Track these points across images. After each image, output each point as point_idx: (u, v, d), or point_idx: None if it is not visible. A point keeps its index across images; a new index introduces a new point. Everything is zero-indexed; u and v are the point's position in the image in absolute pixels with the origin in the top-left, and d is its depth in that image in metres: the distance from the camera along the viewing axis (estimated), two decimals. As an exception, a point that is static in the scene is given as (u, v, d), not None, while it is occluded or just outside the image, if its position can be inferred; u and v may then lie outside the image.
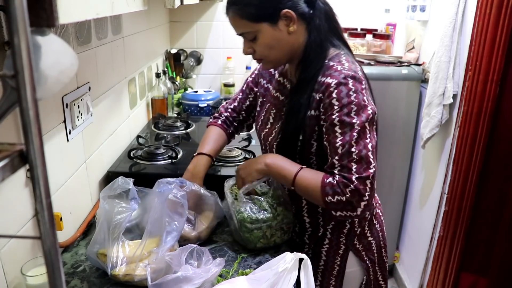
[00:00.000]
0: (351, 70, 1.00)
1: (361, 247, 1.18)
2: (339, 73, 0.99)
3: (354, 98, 0.97)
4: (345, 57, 1.05)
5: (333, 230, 1.16)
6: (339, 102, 0.97)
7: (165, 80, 2.09)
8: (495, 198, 1.64)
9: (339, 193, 0.96)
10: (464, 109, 1.67)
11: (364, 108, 0.98)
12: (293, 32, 1.02)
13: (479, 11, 1.57)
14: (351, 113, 0.97)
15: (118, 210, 1.01)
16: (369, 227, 1.18)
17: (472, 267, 1.74)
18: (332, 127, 0.98)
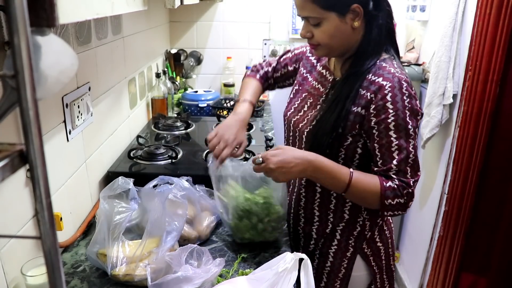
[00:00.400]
0: (404, 75, 1.01)
1: (369, 251, 1.17)
2: (393, 75, 0.99)
3: (408, 104, 0.98)
4: (396, 62, 1.05)
5: (343, 231, 1.16)
6: (394, 106, 0.98)
7: (165, 80, 2.09)
8: (495, 198, 1.64)
9: (399, 196, 0.98)
10: (464, 109, 1.67)
11: (417, 112, 1.00)
12: (356, 28, 1.02)
13: (479, 11, 1.57)
14: (406, 118, 0.98)
15: (118, 210, 1.01)
16: (379, 232, 1.17)
17: (472, 267, 1.74)
18: (387, 130, 0.99)
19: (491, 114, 1.55)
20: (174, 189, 1.09)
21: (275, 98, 2.65)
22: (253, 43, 2.56)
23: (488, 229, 1.68)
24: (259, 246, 1.16)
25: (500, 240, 1.65)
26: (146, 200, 1.08)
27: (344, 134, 1.05)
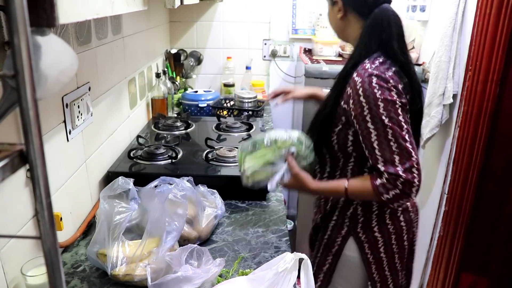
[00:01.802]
0: (378, 70, 1.06)
1: (364, 237, 1.22)
2: (365, 71, 1.06)
3: (380, 95, 1.04)
4: (381, 59, 1.10)
5: (340, 210, 1.23)
6: (366, 100, 1.05)
7: (165, 80, 2.09)
8: (495, 198, 1.64)
9: (392, 188, 1.04)
10: (464, 109, 1.67)
11: (392, 102, 1.04)
12: (344, 19, 1.15)
13: (479, 11, 1.57)
14: (379, 110, 1.04)
15: (118, 210, 1.01)
16: (378, 223, 1.21)
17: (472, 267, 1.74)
18: (365, 123, 1.06)
19: (491, 114, 1.55)
20: (174, 189, 1.09)
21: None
22: (253, 43, 2.56)
23: (488, 229, 1.68)
24: (259, 246, 1.16)
25: (500, 240, 1.65)
26: (146, 200, 1.08)
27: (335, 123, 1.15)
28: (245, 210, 1.36)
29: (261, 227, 1.26)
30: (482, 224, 1.68)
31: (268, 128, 2.13)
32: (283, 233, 1.23)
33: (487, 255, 1.70)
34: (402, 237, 1.25)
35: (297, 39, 2.54)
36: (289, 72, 2.60)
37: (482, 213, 1.67)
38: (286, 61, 2.59)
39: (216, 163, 1.48)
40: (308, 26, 2.51)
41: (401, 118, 1.04)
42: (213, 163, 1.48)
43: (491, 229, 1.67)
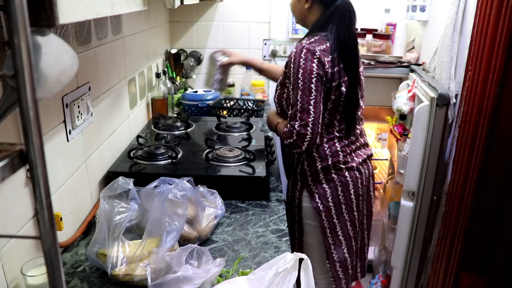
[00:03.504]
0: (310, 45, 1.36)
1: (314, 189, 1.49)
2: (301, 45, 1.37)
3: (303, 64, 1.34)
4: (318, 37, 1.39)
5: (293, 171, 1.55)
6: (293, 66, 1.36)
7: (165, 80, 2.09)
8: (495, 198, 1.63)
9: (289, 137, 1.37)
10: (464, 109, 1.67)
11: (310, 73, 1.34)
12: (309, 8, 1.44)
13: (479, 11, 1.57)
14: (299, 75, 1.35)
15: (118, 210, 1.01)
16: (325, 176, 1.48)
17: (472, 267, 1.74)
18: (290, 84, 1.39)
19: (491, 114, 1.55)
20: (174, 189, 1.09)
21: (275, 98, 2.65)
22: (253, 43, 2.56)
23: (488, 229, 1.67)
24: (259, 246, 1.16)
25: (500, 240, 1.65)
26: (146, 200, 1.08)
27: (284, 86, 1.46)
28: (245, 210, 1.36)
29: (261, 227, 1.26)
30: (482, 224, 1.68)
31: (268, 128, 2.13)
32: (283, 233, 1.23)
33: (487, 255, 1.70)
34: (349, 190, 1.50)
35: (297, 39, 2.53)
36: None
37: (482, 213, 1.67)
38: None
39: (216, 163, 1.48)
40: (308, 26, 2.51)
41: (312, 86, 1.34)
42: (213, 163, 1.48)
43: (491, 229, 1.67)
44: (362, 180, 1.54)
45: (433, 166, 1.87)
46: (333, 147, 1.47)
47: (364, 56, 2.37)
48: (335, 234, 1.51)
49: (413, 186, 1.94)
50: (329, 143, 1.47)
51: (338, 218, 1.50)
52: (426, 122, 1.83)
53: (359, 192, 1.53)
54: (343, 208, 1.50)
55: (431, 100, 1.78)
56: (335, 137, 1.47)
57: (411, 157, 1.93)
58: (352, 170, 1.50)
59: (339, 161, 1.47)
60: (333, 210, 1.49)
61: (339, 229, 1.51)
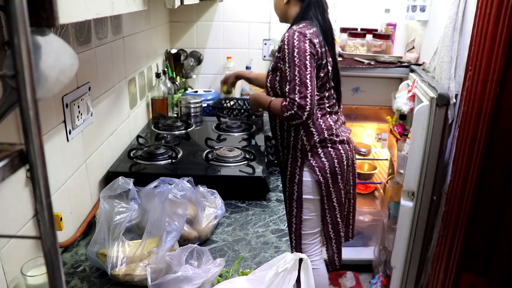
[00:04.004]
0: (301, 29, 1.54)
1: (314, 163, 1.65)
2: (292, 30, 1.54)
3: (297, 44, 1.51)
4: (305, 23, 1.58)
5: (292, 145, 1.69)
6: (287, 47, 1.53)
7: (165, 80, 2.09)
8: (495, 198, 1.63)
9: (290, 109, 1.51)
10: (464, 109, 1.67)
11: (304, 51, 1.51)
12: (287, 4, 1.65)
13: (479, 11, 1.57)
14: (294, 54, 1.51)
15: (118, 210, 1.01)
16: (323, 150, 1.65)
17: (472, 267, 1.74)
18: (284, 64, 1.55)
19: (491, 114, 1.55)
20: (174, 189, 1.09)
21: (275, 98, 2.65)
22: (253, 43, 2.56)
23: (488, 229, 1.67)
24: (259, 246, 1.16)
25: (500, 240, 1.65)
26: (146, 200, 1.08)
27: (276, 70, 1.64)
28: (245, 210, 1.36)
29: (261, 227, 1.26)
30: (482, 224, 1.68)
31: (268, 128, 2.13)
32: (283, 233, 1.24)
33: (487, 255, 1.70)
34: (343, 162, 1.68)
35: (297, 39, 2.54)
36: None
37: (482, 213, 1.67)
38: (286, 61, 2.59)
39: (216, 163, 1.48)
40: (308, 26, 2.51)
41: (307, 62, 1.50)
42: (213, 163, 1.48)
43: (491, 229, 1.67)
44: (351, 152, 1.74)
45: (433, 166, 1.87)
46: (327, 122, 1.65)
47: (364, 56, 2.37)
48: (330, 201, 1.70)
49: (413, 186, 1.94)
50: (323, 117, 1.64)
51: (334, 186, 1.69)
52: (426, 122, 1.83)
53: (349, 163, 1.73)
54: (339, 178, 1.69)
55: (431, 100, 1.78)
56: (326, 112, 1.65)
57: (411, 157, 1.93)
58: (343, 143, 1.69)
59: (333, 134, 1.65)
60: (330, 180, 1.67)
61: (334, 196, 1.70)
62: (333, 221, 1.75)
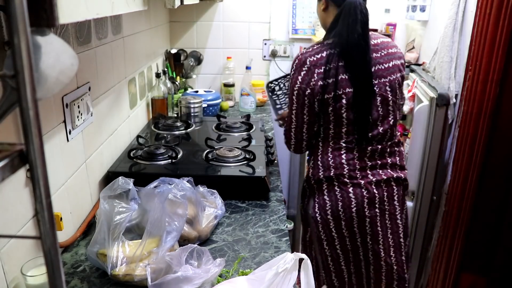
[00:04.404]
0: (304, 55, 1.36)
1: (316, 199, 1.45)
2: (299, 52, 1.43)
3: (292, 74, 1.39)
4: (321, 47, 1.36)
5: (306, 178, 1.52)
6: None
7: (165, 80, 2.09)
8: (495, 198, 1.63)
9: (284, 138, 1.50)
10: (464, 109, 1.67)
11: (294, 84, 1.38)
12: (325, 11, 1.42)
13: (479, 11, 1.57)
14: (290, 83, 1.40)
15: (118, 210, 1.01)
16: (328, 187, 1.43)
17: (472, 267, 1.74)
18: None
19: (491, 114, 1.55)
20: (174, 189, 1.09)
21: (275, 98, 2.65)
22: (253, 43, 2.56)
23: (488, 229, 1.68)
24: (259, 246, 1.16)
25: (500, 240, 1.65)
26: (146, 200, 1.08)
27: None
28: (245, 210, 1.36)
29: (261, 227, 1.26)
30: (482, 224, 1.68)
31: (268, 128, 2.13)
32: (283, 233, 1.23)
33: (487, 255, 1.70)
34: (350, 207, 1.40)
35: (297, 39, 2.54)
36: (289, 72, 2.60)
37: (482, 213, 1.67)
38: (286, 61, 2.59)
39: (216, 163, 1.48)
40: (308, 26, 2.51)
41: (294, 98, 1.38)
42: (213, 163, 1.48)
43: (491, 229, 1.67)
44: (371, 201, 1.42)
45: (433, 166, 1.87)
46: (338, 159, 1.40)
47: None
48: (333, 247, 1.46)
49: (413, 186, 1.94)
50: (334, 153, 1.40)
51: (337, 231, 1.44)
52: (426, 122, 1.83)
53: (365, 213, 1.41)
54: (343, 225, 1.43)
55: (431, 100, 1.78)
56: (342, 147, 1.40)
57: (411, 157, 1.93)
58: (358, 187, 1.40)
59: (343, 174, 1.40)
60: (332, 224, 1.43)
61: (338, 243, 1.46)
62: (337, 270, 1.51)
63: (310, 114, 1.38)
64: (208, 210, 1.23)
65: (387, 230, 1.46)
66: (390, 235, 1.47)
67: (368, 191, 1.41)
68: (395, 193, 1.46)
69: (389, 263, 1.48)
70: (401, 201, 1.48)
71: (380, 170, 1.43)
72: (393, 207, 1.47)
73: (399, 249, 1.49)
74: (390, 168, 1.45)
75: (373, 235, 1.46)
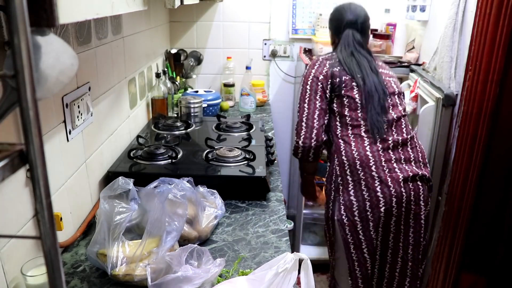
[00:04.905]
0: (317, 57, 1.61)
1: (342, 200, 1.46)
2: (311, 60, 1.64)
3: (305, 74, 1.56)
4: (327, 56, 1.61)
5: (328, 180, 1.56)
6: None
7: (165, 80, 2.09)
8: (495, 198, 1.64)
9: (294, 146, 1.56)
10: (464, 109, 1.67)
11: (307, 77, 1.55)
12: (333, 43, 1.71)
13: (479, 11, 1.57)
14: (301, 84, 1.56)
15: (118, 210, 1.01)
16: (354, 188, 1.44)
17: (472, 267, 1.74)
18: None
19: (491, 114, 1.55)
20: (174, 189, 1.09)
21: (275, 98, 2.65)
22: (253, 43, 2.56)
23: (488, 229, 1.68)
24: (259, 246, 1.16)
25: (500, 240, 1.65)
26: (146, 200, 1.07)
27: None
28: (245, 210, 1.36)
29: (261, 227, 1.26)
30: (482, 224, 1.68)
31: (268, 128, 2.13)
32: (283, 233, 1.23)
33: (487, 255, 1.70)
34: (379, 208, 1.41)
35: (297, 39, 2.54)
36: (289, 72, 2.60)
37: (482, 213, 1.67)
38: (286, 61, 2.59)
39: (216, 163, 1.48)
40: (308, 26, 2.51)
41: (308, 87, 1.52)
42: (213, 163, 1.48)
43: (491, 229, 1.67)
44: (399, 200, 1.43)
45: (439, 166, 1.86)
46: (362, 150, 1.44)
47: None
48: (360, 251, 1.45)
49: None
50: (356, 140, 1.47)
51: (365, 234, 1.43)
52: (432, 122, 1.82)
53: (392, 212, 1.43)
54: (370, 226, 1.43)
55: (437, 101, 1.77)
56: (364, 138, 1.46)
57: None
58: (386, 186, 1.41)
59: (369, 166, 1.42)
60: (359, 226, 1.43)
61: (365, 246, 1.44)
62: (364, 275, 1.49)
63: (322, 100, 1.50)
64: (208, 210, 1.23)
65: (409, 229, 1.49)
66: (412, 234, 1.49)
67: (396, 190, 1.42)
68: (421, 193, 1.49)
69: (405, 260, 1.50)
70: (426, 201, 1.51)
71: (405, 165, 1.48)
72: (419, 207, 1.49)
73: (417, 247, 1.52)
74: (414, 164, 1.50)
75: (396, 234, 1.48)
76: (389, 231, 1.47)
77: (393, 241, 1.49)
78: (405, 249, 1.51)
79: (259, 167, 1.45)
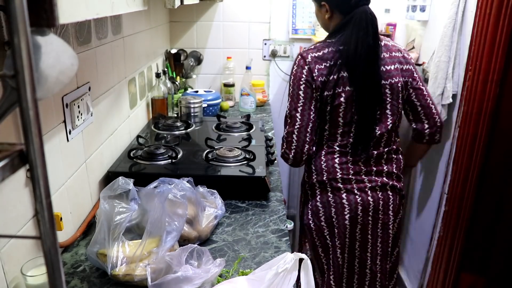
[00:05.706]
0: (308, 51, 1.36)
1: (310, 205, 1.47)
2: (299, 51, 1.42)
3: (294, 71, 1.36)
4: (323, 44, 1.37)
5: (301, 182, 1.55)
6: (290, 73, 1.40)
7: (165, 80, 2.09)
8: (495, 198, 1.64)
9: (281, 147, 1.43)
10: (464, 109, 1.67)
11: (299, 78, 1.34)
12: (329, 18, 1.42)
13: (479, 11, 1.57)
14: (290, 82, 1.38)
15: (118, 211, 1.01)
16: (321, 194, 1.43)
17: (472, 267, 1.74)
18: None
19: (491, 114, 1.55)
20: (174, 189, 1.09)
21: (275, 98, 2.65)
22: (253, 43, 2.56)
23: (488, 229, 1.68)
24: (259, 246, 1.16)
25: (500, 240, 1.65)
26: (146, 200, 1.07)
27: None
28: (245, 210, 1.36)
29: (261, 227, 1.26)
30: (482, 224, 1.68)
31: (268, 128, 2.13)
32: (283, 233, 1.23)
33: (487, 255, 1.70)
34: (344, 215, 1.40)
35: (297, 39, 2.54)
36: (289, 72, 2.60)
37: (482, 213, 1.67)
38: (286, 61, 2.59)
39: (216, 163, 1.48)
40: (308, 26, 2.51)
41: (301, 92, 1.33)
42: (213, 163, 1.48)
43: (491, 229, 1.67)
44: (365, 208, 1.39)
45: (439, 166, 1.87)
46: (330, 162, 1.38)
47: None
48: (328, 256, 1.45)
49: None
50: (327, 156, 1.40)
51: (332, 240, 1.43)
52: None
53: (357, 219, 1.40)
54: (335, 233, 1.42)
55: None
56: (335, 151, 1.39)
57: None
58: (352, 194, 1.39)
59: (335, 178, 1.39)
60: (326, 231, 1.43)
61: (332, 251, 1.45)
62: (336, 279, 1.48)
63: (315, 110, 1.34)
64: (208, 210, 1.23)
65: (377, 238, 1.44)
66: (379, 244, 1.45)
67: (362, 197, 1.39)
68: (391, 202, 1.44)
69: (374, 271, 1.47)
70: (396, 211, 1.46)
71: (376, 176, 1.41)
72: (387, 217, 1.44)
73: (385, 257, 1.48)
74: (386, 176, 1.43)
75: (362, 243, 1.44)
76: (355, 240, 1.43)
77: (359, 250, 1.45)
78: (373, 260, 1.46)
79: (259, 167, 1.45)
